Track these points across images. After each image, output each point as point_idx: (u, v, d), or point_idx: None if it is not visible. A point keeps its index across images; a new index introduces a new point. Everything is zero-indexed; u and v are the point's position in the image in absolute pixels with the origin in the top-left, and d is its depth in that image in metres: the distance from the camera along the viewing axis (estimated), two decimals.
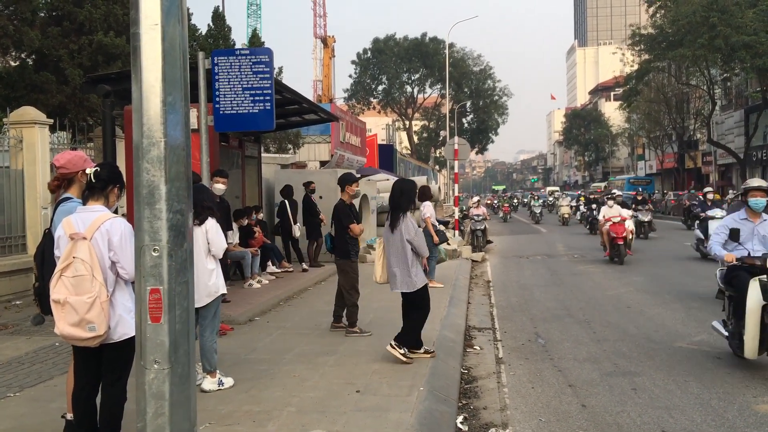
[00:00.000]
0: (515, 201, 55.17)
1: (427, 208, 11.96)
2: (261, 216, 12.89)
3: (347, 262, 7.93)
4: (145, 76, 2.60)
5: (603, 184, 61.19)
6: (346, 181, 8.18)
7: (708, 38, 31.76)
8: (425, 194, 11.93)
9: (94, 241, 3.84)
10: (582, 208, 31.51)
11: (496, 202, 53.41)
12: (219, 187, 8.34)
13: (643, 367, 6.80)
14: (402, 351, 6.48)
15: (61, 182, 4.43)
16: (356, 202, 11.64)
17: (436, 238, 11.46)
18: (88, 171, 4.03)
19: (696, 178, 50.35)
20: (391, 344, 6.55)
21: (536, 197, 39.69)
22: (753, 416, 5.32)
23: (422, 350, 6.72)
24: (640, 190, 33.05)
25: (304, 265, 13.12)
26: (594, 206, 25.84)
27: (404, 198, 6.73)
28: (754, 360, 6.49)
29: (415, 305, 6.68)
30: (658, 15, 37.51)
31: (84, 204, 4.06)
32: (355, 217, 8.23)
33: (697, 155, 49.83)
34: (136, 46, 2.61)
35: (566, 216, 32.72)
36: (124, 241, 3.85)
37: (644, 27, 39.13)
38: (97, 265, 3.80)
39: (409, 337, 6.63)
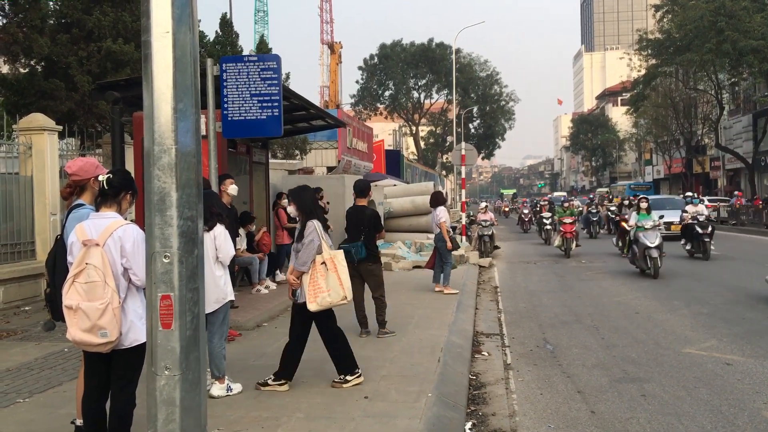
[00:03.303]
0: (577, 209, 27.04)
1: (442, 213, 11.48)
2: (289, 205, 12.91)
3: (379, 266, 8.32)
4: (156, 83, 2.61)
5: (605, 190, 61.16)
6: (369, 187, 8.41)
7: (716, 43, 31.73)
8: (438, 199, 11.77)
9: (107, 248, 3.86)
10: None
11: (525, 210, 32.69)
12: (235, 187, 8.11)
13: (653, 374, 6.76)
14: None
15: (73, 189, 4.46)
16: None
17: (449, 244, 11.26)
18: (100, 178, 4.06)
19: (704, 183, 50.19)
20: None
21: (628, 203, 22.04)
22: (764, 422, 5.28)
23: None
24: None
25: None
26: None
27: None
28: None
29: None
30: (665, 20, 37.51)
31: (97, 210, 4.09)
32: None
33: (705, 160, 49.69)
34: (148, 54, 2.62)
35: None
36: (137, 248, 3.87)
37: (651, 32, 39.14)
38: (109, 272, 3.82)
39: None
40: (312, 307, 5.70)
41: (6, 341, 8.06)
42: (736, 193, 33.72)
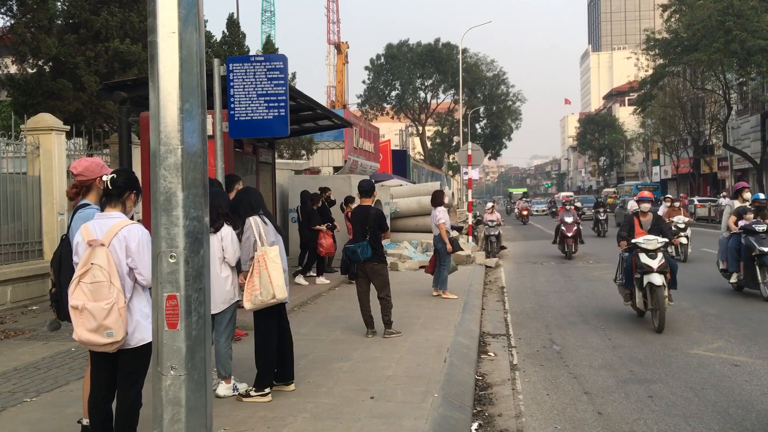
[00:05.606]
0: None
1: (441, 213, 11.22)
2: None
3: (385, 266, 8.34)
4: (163, 83, 2.61)
5: (613, 190, 61.00)
6: (374, 187, 8.47)
7: (723, 42, 31.55)
8: (437, 199, 11.60)
9: (112, 248, 3.87)
10: None
11: (568, 219, 18.67)
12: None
13: (660, 374, 6.74)
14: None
15: (79, 189, 4.48)
16: None
17: (449, 246, 11.08)
18: (104, 178, 4.07)
19: (711, 183, 49.97)
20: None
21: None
22: None
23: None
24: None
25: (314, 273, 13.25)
26: None
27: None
28: None
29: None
30: (672, 19, 37.31)
31: (101, 210, 4.10)
32: None
33: (712, 160, 49.40)
34: (154, 54, 2.62)
35: None
36: (142, 248, 3.87)
37: (659, 31, 38.96)
38: (114, 272, 3.83)
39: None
40: (247, 305, 5.51)
41: (14, 340, 8.10)
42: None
